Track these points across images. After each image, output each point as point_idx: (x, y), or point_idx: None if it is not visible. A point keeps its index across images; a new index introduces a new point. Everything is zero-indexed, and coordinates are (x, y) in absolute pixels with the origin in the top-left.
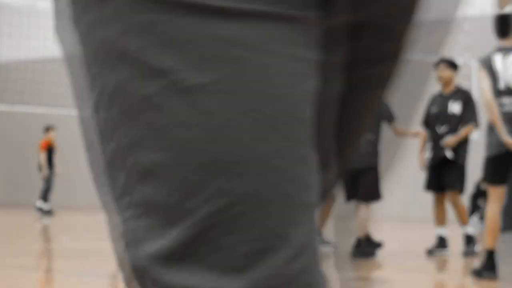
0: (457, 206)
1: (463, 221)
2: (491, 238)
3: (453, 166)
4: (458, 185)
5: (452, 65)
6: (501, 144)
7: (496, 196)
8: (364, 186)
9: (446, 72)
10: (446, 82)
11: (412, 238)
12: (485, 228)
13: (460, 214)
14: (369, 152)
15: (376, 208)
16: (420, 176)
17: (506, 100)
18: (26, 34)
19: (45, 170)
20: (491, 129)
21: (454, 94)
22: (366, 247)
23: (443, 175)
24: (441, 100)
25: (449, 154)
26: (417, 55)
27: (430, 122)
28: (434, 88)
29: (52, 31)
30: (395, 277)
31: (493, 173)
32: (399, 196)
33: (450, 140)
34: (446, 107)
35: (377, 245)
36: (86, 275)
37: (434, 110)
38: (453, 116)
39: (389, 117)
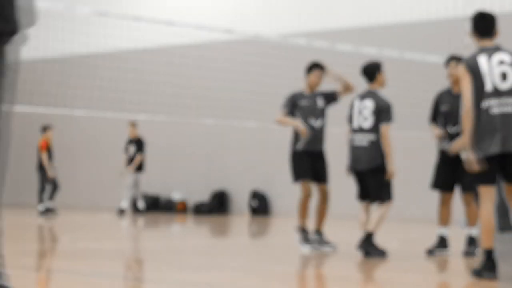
0: (471, 207)
1: (472, 223)
2: (487, 238)
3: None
4: (475, 186)
5: None
6: (489, 146)
7: (488, 196)
8: (373, 187)
9: (456, 70)
10: (456, 80)
11: (412, 238)
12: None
13: (471, 215)
14: (373, 153)
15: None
16: (420, 176)
17: (493, 102)
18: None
19: (51, 170)
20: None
21: None
22: (368, 246)
23: (457, 176)
24: (451, 99)
25: (464, 155)
26: (417, 55)
27: (439, 120)
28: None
29: (52, 31)
30: (395, 278)
31: (484, 174)
32: (399, 196)
33: (455, 145)
34: (458, 106)
35: (380, 252)
36: (86, 275)
37: (444, 108)
38: None
39: (385, 117)
